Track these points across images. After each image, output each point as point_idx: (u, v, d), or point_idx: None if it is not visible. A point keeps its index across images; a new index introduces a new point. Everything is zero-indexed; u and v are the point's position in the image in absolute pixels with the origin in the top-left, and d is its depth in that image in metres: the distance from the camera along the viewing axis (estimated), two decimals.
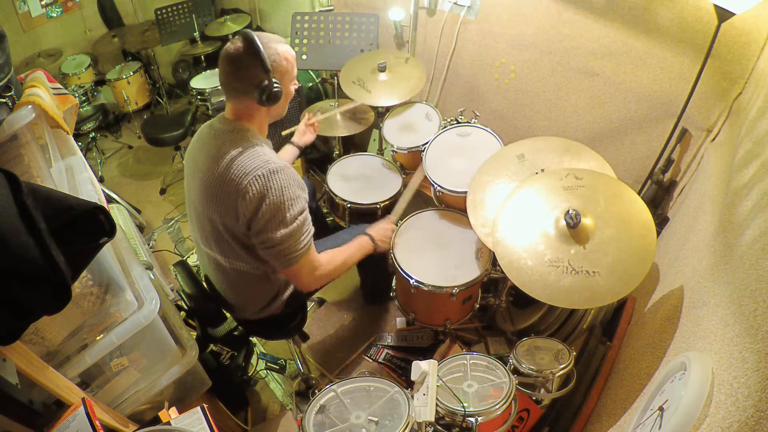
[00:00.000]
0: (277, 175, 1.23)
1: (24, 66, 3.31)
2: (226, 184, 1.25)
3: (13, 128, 1.30)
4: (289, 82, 1.34)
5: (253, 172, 1.22)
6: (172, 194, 3.27)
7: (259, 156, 1.25)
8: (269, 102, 1.27)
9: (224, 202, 1.27)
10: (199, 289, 1.62)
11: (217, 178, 1.27)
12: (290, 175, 1.26)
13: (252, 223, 1.25)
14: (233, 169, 1.24)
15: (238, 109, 1.32)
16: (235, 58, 1.23)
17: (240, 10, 3.85)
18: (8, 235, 0.79)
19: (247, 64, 1.22)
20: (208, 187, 1.30)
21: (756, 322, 0.71)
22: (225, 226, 1.32)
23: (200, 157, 1.34)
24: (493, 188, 1.68)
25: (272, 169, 1.23)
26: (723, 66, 1.56)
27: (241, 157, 1.25)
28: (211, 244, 1.42)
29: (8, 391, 0.91)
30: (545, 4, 2.01)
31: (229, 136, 1.30)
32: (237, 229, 1.30)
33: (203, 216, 1.38)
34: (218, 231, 1.35)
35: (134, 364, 1.37)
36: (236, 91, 1.27)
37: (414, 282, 1.71)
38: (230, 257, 1.40)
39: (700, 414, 0.74)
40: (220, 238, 1.37)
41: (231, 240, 1.35)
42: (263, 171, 1.22)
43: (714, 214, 1.16)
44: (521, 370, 1.38)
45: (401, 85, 2.18)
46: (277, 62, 1.26)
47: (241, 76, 1.24)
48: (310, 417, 1.12)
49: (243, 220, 1.26)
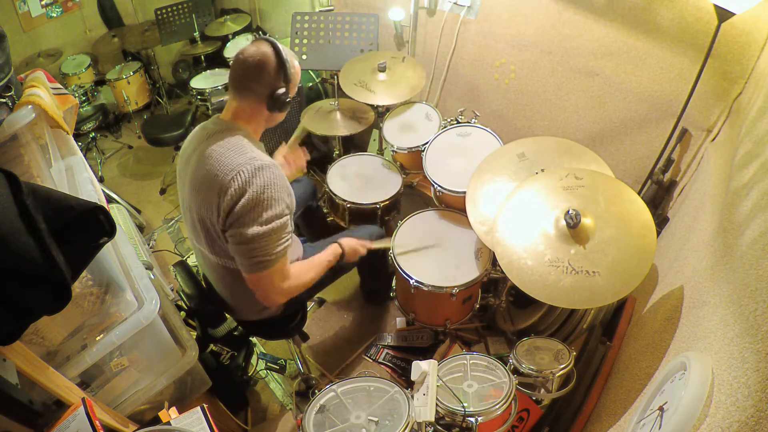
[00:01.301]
0: (262, 172, 1.22)
1: (24, 66, 3.31)
2: (210, 179, 1.25)
3: (13, 128, 1.30)
4: (293, 93, 1.39)
5: (238, 167, 1.22)
6: (172, 194, 3.27)
7: (246, 153, 1.26)
8: (278, 108, 1.32)
9: (207, 196, 1.27)
10: (199, 289, 1.62)
11: (204, 174, 1.27)
12: (276, 175, 1.25)
13: (228, 216, 1.23)
14: (219, 165, 1.24)
15: (240, 108, 1.33)
16: (261, 63, 1.27)
17: (240, 10, 3.85)
18: (8, 235, 0.79)
19: (272, 70, 1.27)
20: (196, 186, 1.30)
21: (756, 322, 0.71)
22: (211, 223, 1.31)
23: (193, 157, 1.34)
24: (493, 186, 1.68)
25: (258, 166, 1.22)
26: (723, 66, 1.56)
27: (227, 153, 1.25)
28: (202, 243, 1.41)
29: (8, 391, 0.91)
30: (545, 4, 2.01)
31: (221, 135, 1.30)
32: (218, 225, 1.28)
33: (194, 215, 1.37)
34: (207, 229, 1.34)
35: (134, 364, 1.37)
36: (249, 91, 1.30)
37: (414, 282, 1.71)
38: (222, 256, 1.40)
39: (700, 414, 0.74)
40: (209, 236, 1.36)
41: (218, 239, 1.33)
42: (248, 167, 1.22)
43: (714, 214, 1.16)
44: (521, 370, 1.38)
45: (401, 85, 2.18)
46: (292, 75, 1.33)
47: (262, 80, 1.28)
48: (310, 417, 1.13)
49: (222, 214, 1.24)
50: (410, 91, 2.16)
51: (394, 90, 2.17)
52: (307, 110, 2.46)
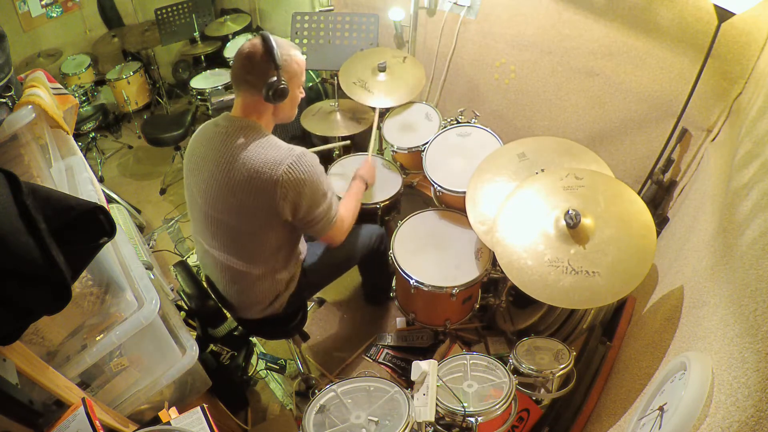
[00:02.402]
0: (304, 158, 1.31)
1: (24, 66, 3.31)
2: (252, 177, 1.28)
3: (13, 128, 1.29)
4: (297, 86, 1.40)
5: (285, 161, 1.28)
6: (172, 194, 3.27)
7: (280, 145, 1.32)
8: (275, 99, 1.31)
9: (255, 197, 1.30)
10: (199, 289, 1.62)
11: (242, 174, 1.29)
12: (312, 156, 1.35)
13: (297, 208, 1.33)
14: (261, 163, 1.28)
15: (247, 104, 1.35)
16: (252, 53, 1.30)
17: (240, 10, 3.85)
18: (8, 235, 0.79)
19: (261, 59, 1.29)
20: (228, 186, 1.31)
21: (756, 322, 0.71)
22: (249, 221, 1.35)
23: (210, 156, 1.35)
24: (493, 186, 1.68)
25: (298, 153, 1.30)
26: (723, 66, 1.56)
27: (264, 150, 1.29)
28: (217, 243, 1.42)
29: (8, 391, 0.91)
30: (545, 4, 2.01)
31: (241, 132, 1.32)
32: (271, 220, 1.34)
33: (212, 218, 1.38)
34: (230, 230, 1.37)
35: (134, 364, 1.37)
36: (247, 83, 1.32)
37: (414, 282, 1.71)
38: (237, 257, 1.41)
39: (700, 414, 0.74)
40: (230, 237, 1.39)
41: (244, 237, 1.38)
42: (292, 158, 1.29)
43: (714, 214, 1.16)
44: (521, 370, 1.38)
45: (401, 85, 2.18)
46: (288, 63, 1.33)
47: (253, 70, 1.30)
48: (310, 417, 1.13)
49: (289, 207, 1.31)
50: (410, 92, 2.16)
51: (393, 90, 2.16)
52: (307, 111, 2.46)
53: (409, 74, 2.21)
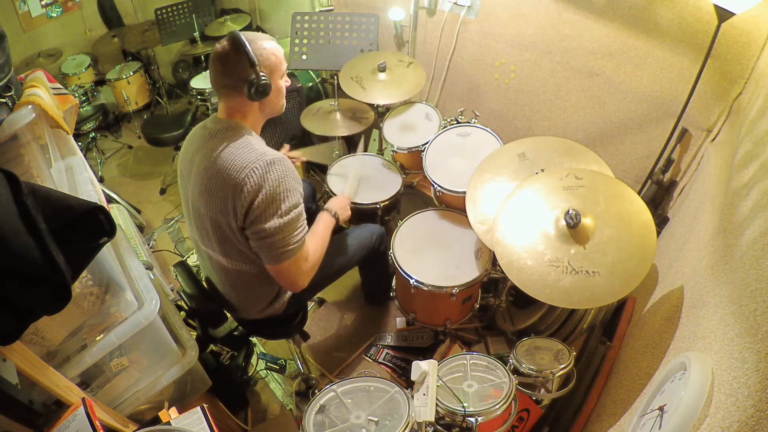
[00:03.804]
0: (274, 166, 1.23)
1: (24, 66, 3.31)
2: (222, 178, 1.25)
3: (13, 128, 1.29)
4: (279, 77, 1.35)
5: (250, 165, 1.22)
6: (172, 194, 3.27)
7: (255, 149, 1.26)
8: (258, 96, 1.28)
9: (221, 197, 1.27)
10: (199, 290, 1.62)
11: (214, 174, 1.27)
12: (287, 167, 1.27)
13: (247, 214, 1.25)
14: (229, 164, 1.24)
15: (230, 107, 1.32)
16: (223, 57, 1.25)
17: (240, 10, 3.85)
18: (8, 235, 0.79)
19: (234, 60, 1.24)
20: (206, 186, 1.30)
21: (756, 322, 0.71)
22: (226, 223, 1.31)
23: (197, 157, 1.34)
24: (493, 186, 1.68)
25: (269, 161, 1.23)
26: (723, 66, 1.56)
27: (236, 152, 1.25)
28: (212, 245, 1.41)
29: (8, 391, 0.91)
30: (545, 4, 2.01)
31: (224, 133, 1.30)
32: (234, 224, 1.29)
33: (204, 216, 1.37)
34: (220, 230, 1.34)
35: (134, 364, 1.37)
36: (226, 88, 1.29)
37: (414, 282, 1.71)
38: (231, 257, 1.40)
39: (700, 414, 0.74)
40: (222, 237, 1.36)
41: (233, 238, 1.34)
42: (260, 163, 1.22)
43: (714, 214, 1.16)
44: (521, 370, 1.38)
45: (401, 85, 2.17)
46: (264, 56, 1.28)
47: (229, 73, 1.26)
48: (310, 417, 1.13)
49: (240, 213, 1.25)
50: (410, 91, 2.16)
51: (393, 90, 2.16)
52: (307, 110, 2.46)
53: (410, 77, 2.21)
